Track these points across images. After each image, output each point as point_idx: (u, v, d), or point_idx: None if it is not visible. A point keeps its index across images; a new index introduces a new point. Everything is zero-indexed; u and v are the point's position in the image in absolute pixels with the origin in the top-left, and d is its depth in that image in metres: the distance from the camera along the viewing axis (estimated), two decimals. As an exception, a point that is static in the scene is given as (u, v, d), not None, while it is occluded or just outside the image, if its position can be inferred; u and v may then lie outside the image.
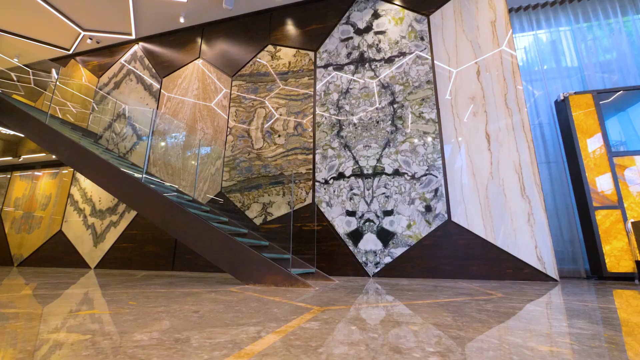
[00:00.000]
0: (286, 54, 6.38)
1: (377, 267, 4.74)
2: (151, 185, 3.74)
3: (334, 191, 5.26)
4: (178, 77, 7.23)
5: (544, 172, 5.72)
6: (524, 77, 6.16)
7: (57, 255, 6.89)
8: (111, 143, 7.35)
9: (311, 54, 6.18)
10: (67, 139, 4.16)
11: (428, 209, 4.71)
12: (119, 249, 6.39)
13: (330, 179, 5.34)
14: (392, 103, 5.36)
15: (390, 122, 5.27)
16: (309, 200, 5.36)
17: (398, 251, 4.69)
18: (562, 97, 5.34)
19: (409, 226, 4.73)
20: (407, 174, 4.95)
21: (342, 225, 5.07)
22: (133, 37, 7.88)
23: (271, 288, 2.73)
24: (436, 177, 4.79)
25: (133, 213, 6.51)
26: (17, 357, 0.86)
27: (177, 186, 5.77)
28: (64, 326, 1.24)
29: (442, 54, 5.30)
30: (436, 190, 4.74)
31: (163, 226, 3.47)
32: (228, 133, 6.31)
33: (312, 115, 5.77)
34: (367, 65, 5.70)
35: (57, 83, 8.20)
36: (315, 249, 4.87)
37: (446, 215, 4.60)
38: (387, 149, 5.16)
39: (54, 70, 8.57)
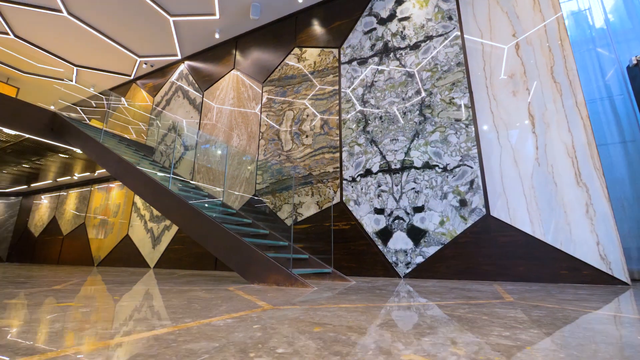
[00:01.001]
0: (311, 55, 6.39)
1: (408, 268, 4.44)
2: (178, 192, 4.04)
3: (362, 189, 5.09)
4: (217, 89, 7.73)
5: (617, 154, 4.79)
6: (580, 44, 5.25)
7: (125, 256, 7.84)
8: (163, 155, 8.15)
9: (335, 51, 6.10)
10: (114, 154, 4.74)
11: (463, 203, 4.27)
12: (171, 251, 7.02)
13: (358, 176, 5.18)
14: (419, 92, 5.01)
15: (418, 112, 4.93)
16: (337, 199, 5.27)
17: (430, 250, 4.34)
18: (634, 62, 4.44)
19: (441, 223, 4.35)
20: (438, 166, 4.57)
21: (371, 224, 4.87)
22: (179, 57, 8.65)
23: (272, 287, 2.72)
24: (471, 167, 4.33)
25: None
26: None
27: (207, 192, 6.12)
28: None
29: (473, 31, 4.79)
30: (471, 182, 4.28)
31: (184, 229, 3.71)
32: (260, 137, 6.53)
33: (337, 113, 5.67)
34: (391, 55, 5.42)
35: (110, 105, 9.37)
36: (331, 248, 4.76)
37: (484, 210, 4.12)
38: (416, 141, 4.83)
39: (122, 98, 9.83)
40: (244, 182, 6.48)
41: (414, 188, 4.67)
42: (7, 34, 7.81)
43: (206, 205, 4.90)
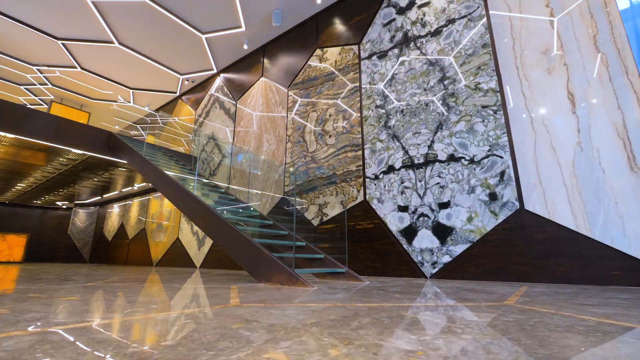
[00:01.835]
0: (332, 54, 6.37)
1: (434, 267, 4.18)
2: (200, 197, 4.32)
3: (385, 186, 4.92)
4: (248, 97, 8.10)
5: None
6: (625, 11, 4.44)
7: (176, 257, 8.59)
8: (204, 163, 8.77)
9: (355, 47, 6.00)
10: (152, 166, 5.24)
11: (493, 197, 3.90)
12: (213, 252, 7.52)
13: (380, 173, 5.03)
14: (442, 80, 4.69)
15: (441, 101, 4.62)
16: (360, 198, 5.17)
17: (458, 249, 4.03)
18: None
19: (469, 219, 4.02)
20: (464, 158, 4.23)
21: (395, 222, 4.69)
22: (215, 70, 9.24)
23: (276, 286, 2.77)
24: (501, 157, 3.93)
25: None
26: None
27: (234, 196, 6.41)
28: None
29: (500, 6, 4.35)
30: (502, 173, 3.89)
31: (204, 230, 3.96)
32: (287, 140, 6.69)
33: (359, 111, 5.57)
34: (411, 44, 5.17)
35: (160, 121, 10.29)
36: (346, 248, 4.66)
37: (517, 204, 3.71)
38: (439, 133, 4.53)
39: (170, 116, 10.82)
40: (274, 185, 6.68)
41: (438, 183, 4.39)
42: (75, 67, 9.09)
43: (225, 206, 5.16)
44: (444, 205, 4.27)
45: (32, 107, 11.58)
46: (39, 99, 11.15)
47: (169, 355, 0.87)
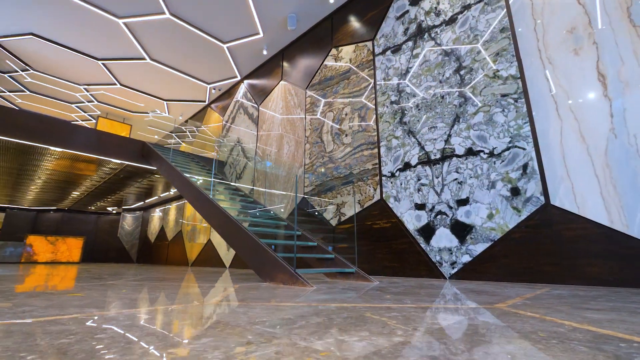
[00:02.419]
0: (347, 52, 6.31)
1: (453, 268, 3.98)
2: (214, 197, 4.49)
3: (401, 184, 4.78)
4: (269, 101, 8.28)
5: None
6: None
7: (209, 257, 9.02)
8: (231, 167, 9.11)
9: (369, 44, 5.89)
10: (177, 172, 5.56)
11: (515, 192, 3.62)
12: (241, 252, 7.78)
13: (396, 171, 4.88)
14: (458, 70, 4.45)
15: (457, 93, 4.39)
16: (377, 197, 5.06)
17: (478, 248, 3.80)
18: None
19: (490, 216, 3.76)
20: (483, 151, 3.97)
21: (412, 221, 4.53)
22: (239, 77, 9.58)
23: (279, 286, 2.80)
24: (523, 149, 3.64)
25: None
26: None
27: (253, 198, 6.54)
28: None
29: (519, -12, 4.03)
30: (524, 166, 3.59)
31: (217, 229, 4.11)
32: (306, 142, 6.74)
33: (374, 108, 5.46)
34: (425, 35, 4.96)
35: (191, 129, 10.82)
36: (355, 248, 4.55)
37: (542, 198, 3.41)
38: (456, 126, 4.30)
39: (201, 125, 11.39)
40: (294, 186, 6.76)
41: (456, 179, 4.16)
42: (115, 84, 9.91)
43: (242, 208, 5.31)
44: (463, 202, 4.04)
45: (81, 122, 12.79)
46: (88, 114, 12.30)
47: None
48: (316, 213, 6.03)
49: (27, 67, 9.01)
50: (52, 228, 14.55)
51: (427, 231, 4.33)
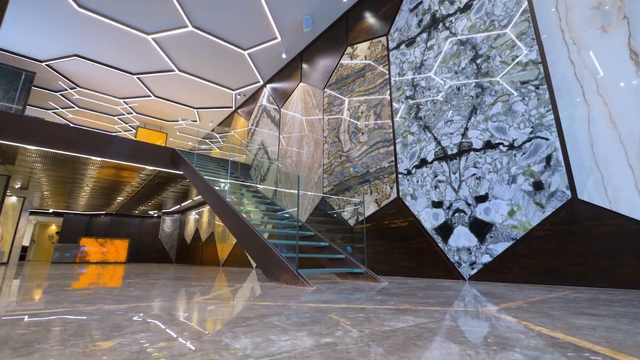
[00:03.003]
0: (362, 50, 6.23)
1: (473, 268, 3.76)
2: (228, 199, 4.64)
3: (417, 181, 4.61)
4: (290, 103, 8.41)
5: None
6: None
7: (238, 258, 9.33)
8: (256, 169, 9.37)
9: (383, 39, 5.76)
10: (199, 176, 5.83)
11: (538, 186, 3.34)
12: (266, 253, 7.96)
13: (413, 168, 4.73)
14: (474, 59, 4.21)
15: (473, 83, 4.15)
16: (393, 195, 4.93)
17: (499, 247, 3.55)
18: None
19: (511, 213, 3.51)
20: (502, 144, 3.72)
21: (429, 219, 4.35)
22: (261, 82, 9.83)
23: (281, 285, 2.82)
24: (546, 139, 3.35)
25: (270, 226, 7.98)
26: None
27: (270, 199, 6.64)
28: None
29: (538, -35, 3.73)
30: (548, 158, 3.31)
31: (231, 230, 4.23)
32: (324, 142, 6.74)
33: (389, 104, 5.33)
34: (440, 26, 4.76)
35: (220, 135, 11.24)
36: (365, 247, 4.43)
37: (568, 193, 3.11)
38: (473, 119, 4.07)
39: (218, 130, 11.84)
40: (314, 186, 6.79)
41: (474, 174, 3.94)
42: (149, 96, 10.63)
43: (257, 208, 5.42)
44: (482, 199, 3.81)
45: (123, 133, 13.84)
46: (129, 125, 13.30)
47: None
48: (335, 214, 6.00)
49: (74, 85, 9.96)
50: (103, 231, 15.90)
51: (445, 230, 4.13)
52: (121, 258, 13.93)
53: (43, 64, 8.71)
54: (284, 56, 8.33)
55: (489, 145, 3.85)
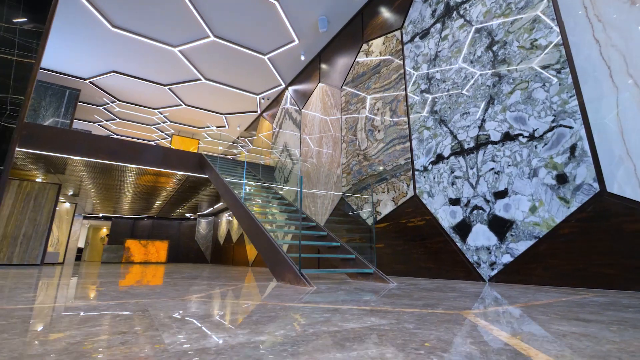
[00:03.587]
0: (377, 46, 6.12)
1: (492, 269, 3.53)
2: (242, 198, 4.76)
3: (434, 178, 4.43)
4: (310, 104, 8.47)
5: None
6: None
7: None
8: (280, 171, 9.54)
9: (397, 33, 5.61)
10: (220, 179, 6.06)
11: (562, 179, 3.07)
12: (289, 252, 8.07)
13: (429, 164, 4.55)
14: (490, 46, 3.97)
15: (490, 72, 3.91)
16: (410, 193, 4.78)
17: (520, 246, 3.31)
18: None
19: (533, 210, 3.25)
20: (522, 135, 3.46)
21: (447, 217, 4.16)
22: (283, 85, 10.00)
23: (285, 285, 2.85)
24: (569, 127, 3.07)
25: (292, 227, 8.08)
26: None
27: (289, 200, 6.70)
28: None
29: (557, -61, 3.42)
30: (572, 148, 3.02)
31: (246, 232, 4.33)
32: (342, 141, 6.71)
33: (404, 99, 5.18)
34: (454, 14, 4.54)
35: (246, 139, 11.55)
36: (374, 246, 4.29)
37: (596, 185, 2.82)
38: (491, 109, 3.83)
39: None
40: (333, 186, 6.77)
41: (492, 168, 3.70)
42: (180, 105, 11.25)
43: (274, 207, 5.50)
44: (501, 195, 3.57)
45: (160, 141, 14.73)
46: (165, 133, 14.17)
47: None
48: (353, 214, 5.94)
49: (114, 99, 10.82)
50: (145, 233, 17.07)
51: (463, 228, 3.93)
52: (162, 258, 14.86)
53: (87, 81, 9.57)
54: (302, 58, 8.41)
55: (507, 137, 3.60)
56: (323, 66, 8.07)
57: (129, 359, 0.82)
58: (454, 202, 4.09)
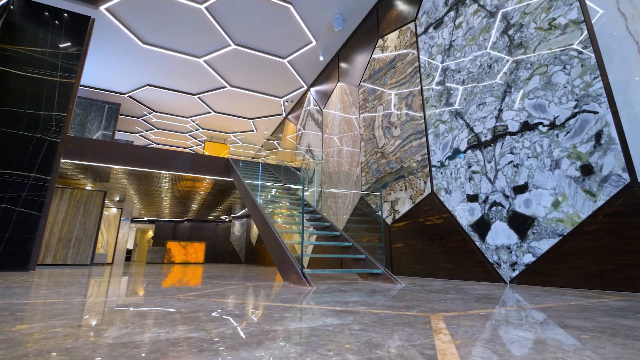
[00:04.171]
0: (392, 40, 5.96)
1: (514, 270, 3.28)
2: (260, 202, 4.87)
3: (451, 173, 4.22)
4: (330, 104, 8.46)
5: None
6: None
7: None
8: (303, 172, 9.63)
9: (411, 25, 5.43)
10: (241, 181, 6.26)
11: (586, 170, 2.78)
12: (315, 253, 8.12)
13: (445, 159, 4.34)
14: (505, 30, 3.70)
15: (506, 58, 3.64)
16: (428, 191, 4.60)
17: (543, 245, 3.04)
18: None
19: (555, 205, 2.98)
20: (542, 123, 3.19)
21: (465, 215, 3.94)
22: (305, 87, 10.09)
23: (289, 285, 2.87)
24: (594, 113, 2.77)
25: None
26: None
27: (307, 201, 6.69)
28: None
29: None
30: (597, 135, 2.73)
31: (261, 233, 4.41)
32: (361, 139, 6.62)
33: (419, 93, 5.00)
34: (467, 0, 4.29)
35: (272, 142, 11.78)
36: (383, 246, 4.12)
37: (625, 176, 2.52)
38: (508, 98, 3.57)
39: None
40: (353, 185, 6.71)
41: (511, 161, 3.45)
42: (210, 112, 11.80)
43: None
44: (521, 189, 3.31)
45: (195, 147, 15.52)
46: (199, 140, 14.94)
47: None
48: (372, 213, 5.84)
49: (151, 110, 11.63)
50: (185, 235, 18.11)
51: (482, 226, 3.70)
52: (200, 259, 15.68)
53: (125, 95, 10.39)
54: (321, 58, 8.43)
55: (526, 127, 3.33)
56: (342, 65, 8.03)
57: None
58: (472, 198, 3.86)
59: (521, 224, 3.26)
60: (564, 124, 2.99)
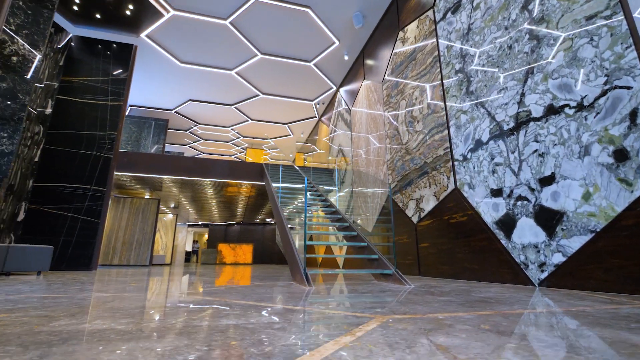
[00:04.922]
0: (411, 31, 5.71)
1: (542, 271, 2.94)
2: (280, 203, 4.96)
3: (474, 167, 3.92)
4: (358, 103, 8.36)
5: None
6: None
7: (328, 260, 9.74)
8: (341, 173, 9.63)
9: (430, 13, 5.15)
10: (270, 185, 6.48)
11: (621, 156, 2.39)
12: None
13: (468, 152, 4.04)
14: (525, 5, 3.34)
15: (527, 36, 3.28)
16: (451, 186, 4.31)
17: (573, 243, 2.68)
18: None
19: (586, 197, 2.61)
20: (568, 105, 2.81)
21: (489, 212, 3.63)
22: (334, 88, 10.10)
23: (294, 284, 2.90)
24: (628, 88, 2.37)
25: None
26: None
27: (331, 201, 6.65)
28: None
29: None
30: (632, 114, 2.33)
31: (280, 233, 4.50)
32: (386, 137, 6.44)
33: (440, 83, 4.72)
34: (484, -23, 3.95)
35: (310, 145, 11.93)
36: (394, 246, 3.87)
37: (667, 160, 2.12)
38: (530, 80, 3.21)
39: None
40: (380, 184, 6.54)
41: (536, 150, 3.10)
42: (247, 121, 12.39)
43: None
44: (547, 181, 2.95)
45: (239, 155, 16.37)
46: (241, 147, 15.77)
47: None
48: (398, 212, 5.64)
49: (196, 123, 12.58)
50: (235, 237, 19.20)
51: (507, 223, 3.37)
52: (248, 260, 16.51)
53: (172, 111, 11.40)
54: (346, 58, 8.37)
55: (551, 111, 2.97)
56: (367, 62, 7.89)
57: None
58: (496, 193, 3.54)
59: (549, 219, 2.91)
60: (592, 104, 2.61)
